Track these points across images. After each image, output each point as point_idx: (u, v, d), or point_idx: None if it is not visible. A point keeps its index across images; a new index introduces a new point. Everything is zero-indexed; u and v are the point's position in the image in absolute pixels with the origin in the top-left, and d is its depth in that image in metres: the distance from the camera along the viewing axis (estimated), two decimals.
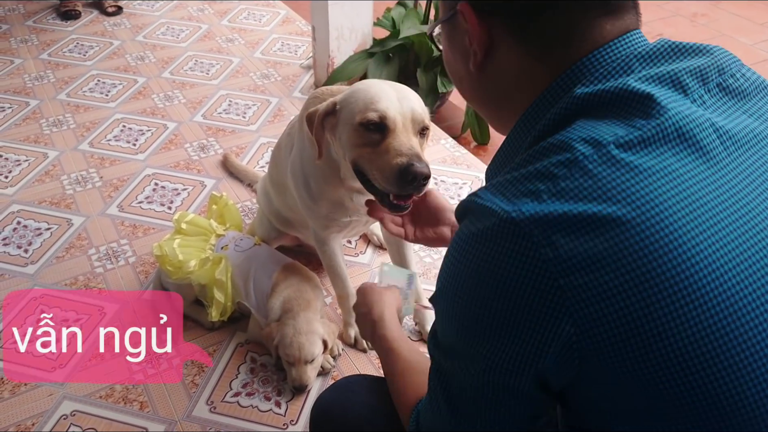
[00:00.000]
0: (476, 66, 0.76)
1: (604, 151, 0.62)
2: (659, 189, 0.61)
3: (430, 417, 0.80)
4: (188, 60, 3.19)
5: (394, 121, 1.28)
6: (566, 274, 0.60)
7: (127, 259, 2.02)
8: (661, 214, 0.60)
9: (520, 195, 0.63)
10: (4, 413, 1.58)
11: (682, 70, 0.69)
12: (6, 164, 2.42)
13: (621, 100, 0.66)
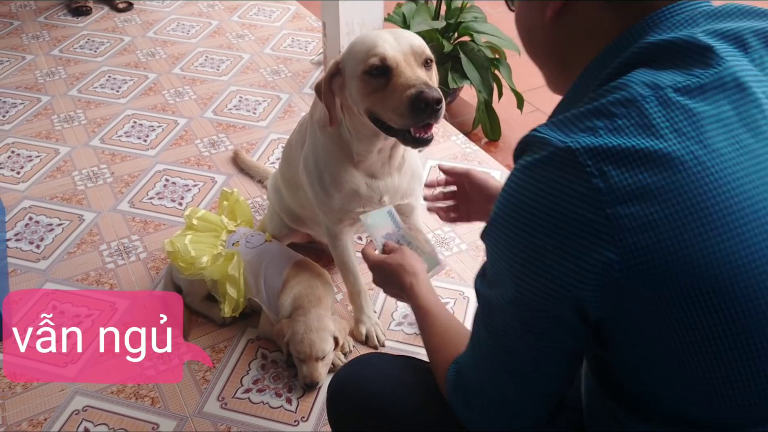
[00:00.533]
0: (554, 12, 0.76)
1: (662, 93, 0.64)
2: (711, 132, 0.63)
3: (472, 363, 0.83)
4: (198, 56, 3.19)
5: (395, 59, 1.31)
6: (614, 204, 0.62)
7: (138, 255, 2.02)
8: (710, 155, 0.62)
9: (578, 130, 0.65)
10: (17, 408, 1.58)
11: (746, 29, 0.70)
12: (18, 160, 2.43)
13: (682, 50, 0.68)
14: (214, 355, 1.72)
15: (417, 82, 1.27)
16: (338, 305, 1.87)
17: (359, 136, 1.45)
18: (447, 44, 2.59)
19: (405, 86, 1.28)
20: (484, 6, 2.82)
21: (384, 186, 1.53)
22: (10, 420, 1.56)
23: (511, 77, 2.63)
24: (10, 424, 1.55)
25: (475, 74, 2.54)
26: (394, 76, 1.30)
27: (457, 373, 0.87)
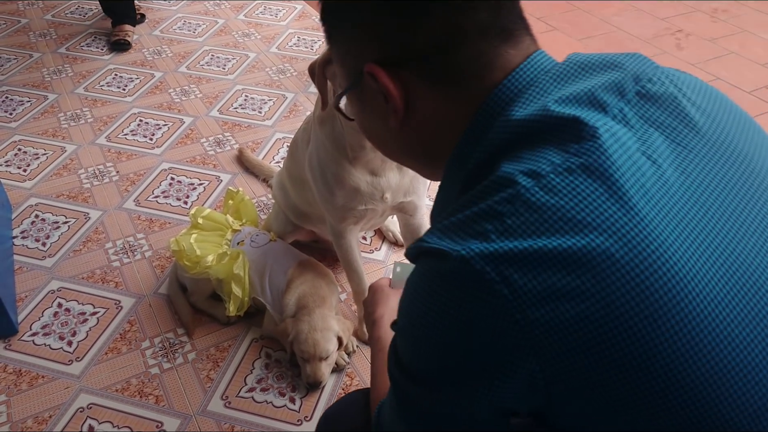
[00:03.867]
0: (398, 122, 0.74)
1: (545, 182, 0.60)
2: (607, 212, 0.58)
3: (387, 412, 0.78)
4: (204, 55, 3.19)
5: None
6: (523, 309, 0.57)
7: (143, 254, 2.03)
8: (610, 239, 0.57)
9: (468, 237, 0.61)
10: (22, 405, 1.59)
11: (597, 87, 0.67)
12: (24, 158, 2.44)
13: (548, 127, 0.64)
14: (218, 354, 1.73)
15: None
16: (342, 305, 1.87)
17: (350, 129, 1.46)
18: None
19: None
20: None
21: (386, 183, 1.53)
22: (15, 417, 1.57)
23: None
24: (16, 421, 1.56)
25: None
26: None
27: (378, 414, 0.84)
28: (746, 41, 3.68)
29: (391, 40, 0.69)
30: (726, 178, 0.65)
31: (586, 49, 3.53)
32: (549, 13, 3.86)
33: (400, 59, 0.69)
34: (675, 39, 3.68)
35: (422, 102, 0.72)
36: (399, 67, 0.70)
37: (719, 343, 0.57)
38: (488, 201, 0.62)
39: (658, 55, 3.49)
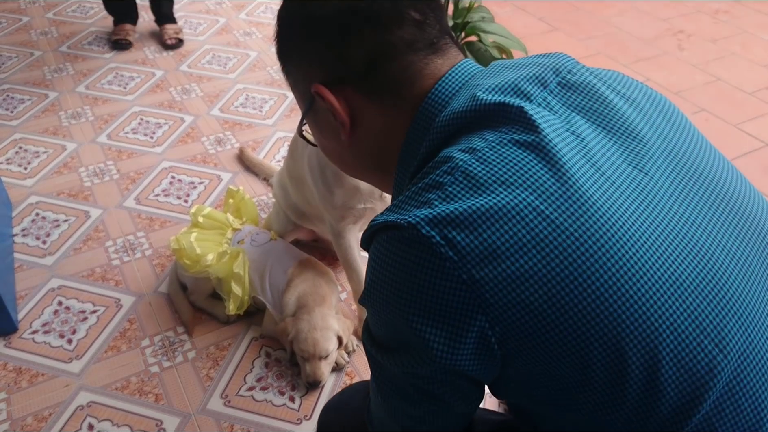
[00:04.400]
0: (347, 135, 0.81)
1: (479, 153, 0.67)
2: (537, 174, 0.65)
3: (372, 397, 0.85)
4: (206, 53, 3.19)
5: None
6: (468, 270, 0.62)
7: (143, 252, 2.03)
8: (540, 198, 0.64)
9: (414, 207, 0.67)
10: (22, 403, 1.59)
11: (520, 78, 0.74)
12: (25, 156, 2.44)
13: (479, 114, 0.71)
14: (218, 352, 1.73)
15: None
16: (342, 304, 1.87)
17: None
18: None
19: None
20: (491, 6, 2.82)
21: None
22: (15, 415, 1.57)
23: None
24: (16, 419, 1.56)
25: None
26: None
27: (368, 404, 0.89)
28: (748, 42, 3.68)
29: (330, 62, 0.78)
30: (645, 149, 0.72)
31: (587, 49, 3.53)
32: (550, 14, 3.86)
33: (340, 78, 0.78)
34: (676, 40, 3.68)
35: (365, 114, 0.79)
36: (340, 84, 0.78)
37: (645, 274, 0.63)
38: (430, 176, 0.69)
39: (659, 56, 3.49)
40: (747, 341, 0.65)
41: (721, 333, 0.64)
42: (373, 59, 0.76)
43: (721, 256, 0.67)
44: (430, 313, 0.65)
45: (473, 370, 0.67)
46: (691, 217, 0.68)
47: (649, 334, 0.62)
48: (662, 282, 0.63)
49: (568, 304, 0.61)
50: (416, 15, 0.77)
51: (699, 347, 0.63)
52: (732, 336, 0.64)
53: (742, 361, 0.65)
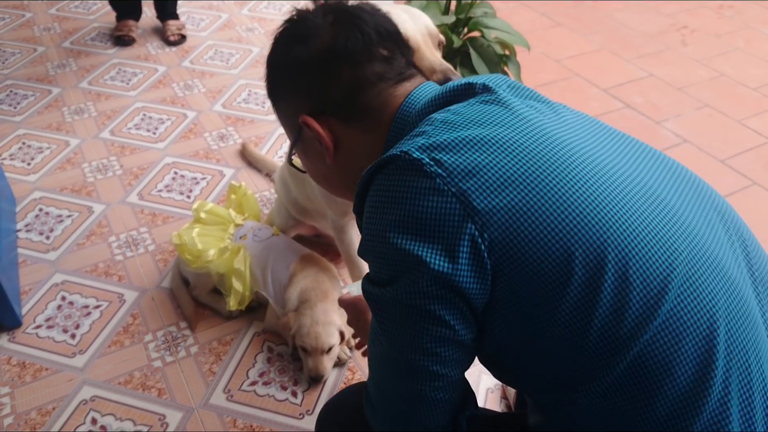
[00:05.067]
0: (331, 158, 0.94)
1: (453, 110, 0.84)
2: (504, 117, 0.81)
3: (373, 375, 0.89)
4: (208, 49, 3.20)
5: (416, 41, 1.31)
6: (456, 183, 0.74)
7: (146, 247, 2.04)
8: (507, 131, 0.79)
9: (404, 145, 0.81)
10: (26, 397, 1.60)
11: (474, 80, 0.89)
12: (29, 151, 2.45)
13: (450, 94, 0.89)
14: (220, 347, 1.74)
15: (442, 67, 1.29)
16: None
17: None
18: (457, 39, 2.58)
19: (430, 70, 1.28)
20: (494, 1, 2.82)
21: None
22: (19, 409, 1.58)
23: (519, 74, 2.62)
24: (20, 413, 1.57)
25: (484, 70, 2.53)
26: (416, 58, 1.30)
27: (366, 391, 0.94)
28: (752, 37, 3.67)
29: (314, 96, 0.93)
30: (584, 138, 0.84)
31: (590, 45, 3.52)
32: (553, 9, 3.85)
33: (323, 109, 0.92)
34: (680, 35, 3.67)
35: (346, 138, 0.93)
36: (323, 114, 0.92)
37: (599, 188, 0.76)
38: (412, 133, 0.84)
39: (662, 51, 3.48)
40: (693, 252, 0.76)
41: (673, 245, 0.75)
42: (350, 91, 0.91)
43: (659, 187, 0.81)
44: (427, 230, 0.75)
45: (469, 286, 0.74)
46: (630, 162, 0.84)
47: (623, 240, 0.73)
48: (616, 195, 0.76)
49: (541, 202, 0.74)
50: (384, 52, 0.93)
51: (658, 254, 0.74)
52: (681, 248, 0.75)
53: (690, 268, 0.75)
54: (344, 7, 0.97)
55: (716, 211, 0.84)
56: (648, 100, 3.04)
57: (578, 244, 0.72)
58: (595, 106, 2.99)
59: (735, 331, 0.75)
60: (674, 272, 0.73)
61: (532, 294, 0.74)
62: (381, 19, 0.97)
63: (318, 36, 0.93)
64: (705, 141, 2.77)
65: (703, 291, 0.74)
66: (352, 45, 0.91)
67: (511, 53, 2.68)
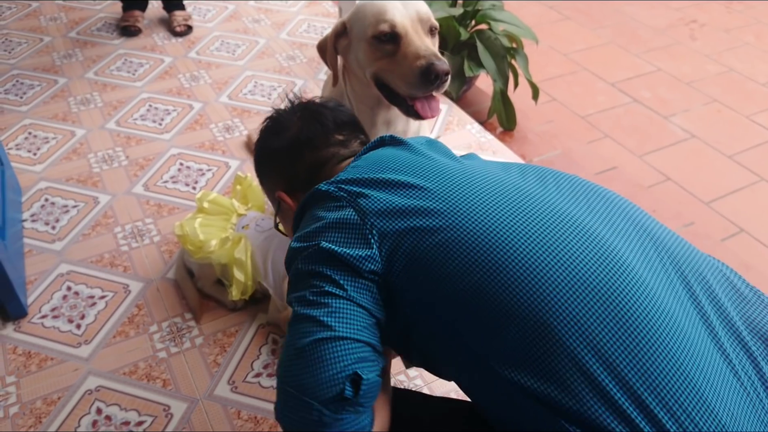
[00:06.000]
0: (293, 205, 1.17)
1: (361, 157, 1.09)
2: (404, 157, 1.03)
3: (289, 331, 0.94)
4: (214, 40, 3.19)
5: (404, 26, 1.34)
6: (356, 203, 0.96)
7: (151, 238, 2.04)
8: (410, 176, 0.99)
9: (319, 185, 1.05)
10: (32, 386, 1.61)
11: (385, 136, 1.12)
12: (35, 141, 2.45)
13: (365, 149, 1.12)
14: (225, 339, 1.74)
15: (427, 52, 1.31)
16: None
17: (361, 106, 1.47)
18: (464, 32, 2.57)
19: (415, 56, 1.31)
20: None
21: None
22: (24, 398, 1.58)
23: (527, 67, 2.61)
24: (25, 402, 1.57)
25: (491, 63, 2.52)
26: (403, 44, 1.34)
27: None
28: (761, 32, 3.64)
29: (285, 177, 1.19)
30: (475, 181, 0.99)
31: (598, 39, 3.50)
32: (561, 2, 3.83)
33: (293, 186, 1.18)
34: (689, 29, 3.65)
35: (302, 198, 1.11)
36: (294, 190, 1.18)
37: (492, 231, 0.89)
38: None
39: (671, 46, 3.46)
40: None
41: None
42: (311, 170, 1.15)
43: (541, 194, 0.96)
44: (334, 229, 0.94)
45: (359, 261, 0.90)
46: (530, 184, 0.99)
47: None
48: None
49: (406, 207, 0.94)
50: (340, 137, 1.19)
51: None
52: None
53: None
54: (310, 105, 1.23)
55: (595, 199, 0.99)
56: (656, 95, 3.03)
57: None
58: (602, 101, 2.97)
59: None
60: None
61: (428, 279, 0.89)
62: (339, 113, 1.22)
63: (288, 129, 1.19)
64: (713, 136, 2.75)
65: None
66: (312, 134, 1.17)
67: (518, 46, 2.66)
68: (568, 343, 0.80)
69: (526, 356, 0.81)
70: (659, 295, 0.85)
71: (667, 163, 2.59)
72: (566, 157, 2.56)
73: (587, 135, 2.74)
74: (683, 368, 0.79)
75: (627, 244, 0.91)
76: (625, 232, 0.93)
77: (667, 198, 2.40)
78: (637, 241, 0.93)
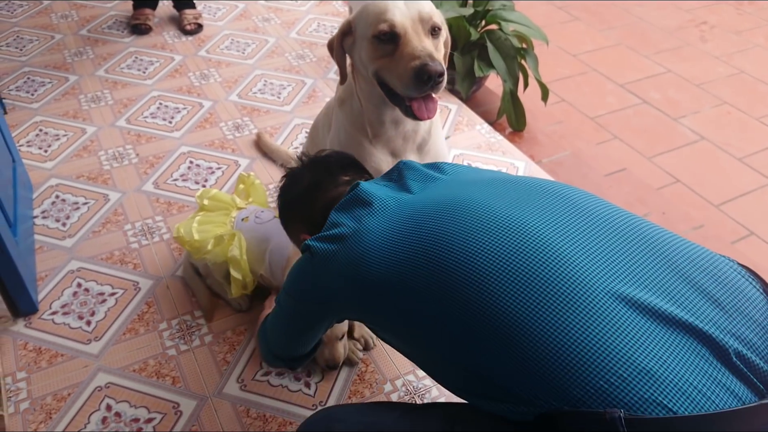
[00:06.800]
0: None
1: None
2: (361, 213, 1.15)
3: (269, 319, 1.39)
4: (224, 39, 3.19)
5: (403, 27, 1.35)
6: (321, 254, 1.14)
7: (161, 236, 2.04)
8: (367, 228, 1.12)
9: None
10: (42, 382, 1.62)
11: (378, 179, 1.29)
12: (45, 138, 2.46)
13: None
14: (234, 337, 1.74)
15: (422, 53, 1.32)
16: None
17: (368, 105, 1.49)
18: (474, 32, 2.57)
19: (411, 56, 1.32)
20: None
21: None
22: (35, 394, 1.59)
23: (537, 68, 2.61)
24: (36, 398, 1.58)
25: (501, 63, 2.51)
26: (402, 44, 1.35)
27: (263, 322, 1.46)
28: None
29: (306, 220, 1.34)
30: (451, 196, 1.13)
31: (607, 40, 3.49)
32: (570, 3, 3.82)
33: (313, 228, 1.26)
34: (699, 31, 3.63)
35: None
36: (312, 230, 1.27)
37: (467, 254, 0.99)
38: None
39: (681, 47, 3.45)
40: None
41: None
42: (324, 210, 1.24)
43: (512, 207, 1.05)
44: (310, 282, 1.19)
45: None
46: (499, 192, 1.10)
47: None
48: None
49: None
50: (346, 177, 1.34)
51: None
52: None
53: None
54: (318, 158, 1.41)
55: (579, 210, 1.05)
56: (666, 97, 3.02)
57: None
58: (611, 102, 2.96)
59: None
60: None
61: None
62: (342, 157, 1.40)
63: (301, 180, 1.37)
64: (723, 138, 2.74)
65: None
66: (320, 178, 1.34)
67: (528, 47, 2.66)
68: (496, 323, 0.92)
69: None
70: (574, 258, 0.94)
71: (677, 165, 2.58)
72: (575, 158, 2.55)
73: (596, 136, 2.73)
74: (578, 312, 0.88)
75: (544, 215, 1.02)
76: (550, 207, 1.03)
77: (677, 200, 2.39)
78: (559, 210, 1.03)
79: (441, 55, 1.43)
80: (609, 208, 1.05)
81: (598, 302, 0.88)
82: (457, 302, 0.94)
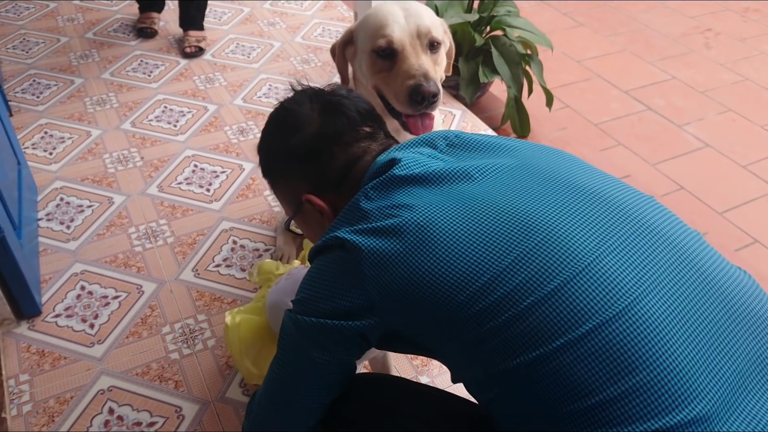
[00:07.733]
0: (330, 221, 1.04)
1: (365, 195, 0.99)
2: (418, 208, 0.92)
3: (262, 391, 1.08)
4: (230, 43, 3.20)
5: (401, 43, 1.35)
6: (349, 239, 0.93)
7: (165, 240, 2.05)
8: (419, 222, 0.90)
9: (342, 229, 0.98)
10: (45, 385, 1.62)
11: (417, 142, 1.06)
12: (51, 141, 2.47)
13: (378, 170, 1.01)
14: None
15: (418, 72, 1.33)
16: None
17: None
18: (479, 38, 2.57)
19: (406, 74, 1.33)
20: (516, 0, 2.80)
21: None
22: (38, 396, 1.59)
23: (542, 74, 2.61)
24: (38, 401, 1.58)
25: (505, 69, 2.52)
26: (399, 59, 1.35)
27: (252, 398, 1.14)
28: None
29: (311, 177, 1.08)
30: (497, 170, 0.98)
31: (612, 46, 3.49)
32: (575, 9, 3.82)
33: (321, 187, 1.07)
34: (704, 38, 3.63)
35: (339, 203, 1.04)
36: (322, 192, 1.07)
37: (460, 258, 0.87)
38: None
39: (686, 54, 3.45)
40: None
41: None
42: (343, 169, 1.06)
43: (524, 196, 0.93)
44: (337, 286, 0.95)
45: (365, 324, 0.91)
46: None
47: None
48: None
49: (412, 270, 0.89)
50: (368, 129, 1.10)
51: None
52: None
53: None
54: (327, 96, 1.13)
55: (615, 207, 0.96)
56: (670, 103, 3.01)
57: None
58: (616, 108, 2.96)
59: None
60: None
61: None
62: (358, 101, 1.12)
63: (308, 124, 1.08)
64: (727, 146, 2.73)
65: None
66: (339, 128, 1.07)
67: (533, 53, 2.66)
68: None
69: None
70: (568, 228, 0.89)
71: (681, 172, 2.58)
72: None
73: (600, 143, 2.73)
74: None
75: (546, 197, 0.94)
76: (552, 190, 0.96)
77: (681, 207, 2.39)
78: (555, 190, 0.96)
79: (441, 68, 1.43)
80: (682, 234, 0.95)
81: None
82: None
